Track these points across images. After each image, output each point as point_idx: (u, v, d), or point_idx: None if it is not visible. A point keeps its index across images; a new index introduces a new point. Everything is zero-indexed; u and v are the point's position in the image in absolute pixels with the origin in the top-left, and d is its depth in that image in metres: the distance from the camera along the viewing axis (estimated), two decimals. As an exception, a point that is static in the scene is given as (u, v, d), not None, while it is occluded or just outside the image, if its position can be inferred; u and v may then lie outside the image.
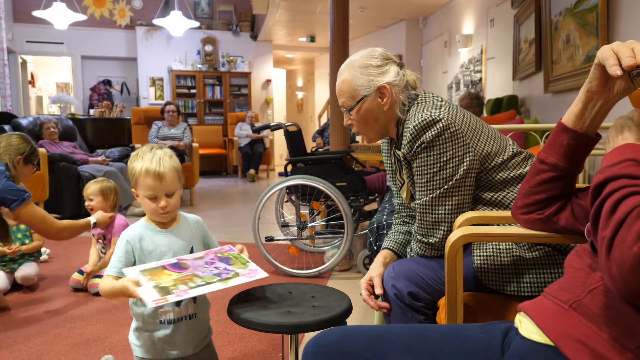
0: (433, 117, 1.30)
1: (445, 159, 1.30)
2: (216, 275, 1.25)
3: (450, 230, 1.31)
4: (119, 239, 1.35)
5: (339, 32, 4.27)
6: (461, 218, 1.27)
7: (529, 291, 1.20)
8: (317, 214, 3.40)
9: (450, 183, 1.30)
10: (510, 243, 1.25)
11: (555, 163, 0.98)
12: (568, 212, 1.01)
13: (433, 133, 1.29)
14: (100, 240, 2.82)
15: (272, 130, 3.44)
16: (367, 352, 0.90)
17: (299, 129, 3.55)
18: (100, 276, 2.77)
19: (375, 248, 2.20)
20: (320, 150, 6.67)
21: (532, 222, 1.05)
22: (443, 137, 1.29)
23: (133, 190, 1.37)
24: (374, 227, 2.23)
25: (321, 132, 7.51)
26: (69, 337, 2.13)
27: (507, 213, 1.23)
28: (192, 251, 1.41)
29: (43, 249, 3.38)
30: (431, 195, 1.33)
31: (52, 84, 10.68)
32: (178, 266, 1.28)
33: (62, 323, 2.29)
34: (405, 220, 1.58)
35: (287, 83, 12.67)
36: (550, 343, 0.75)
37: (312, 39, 9.67)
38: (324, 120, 10.32)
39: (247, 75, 9.45)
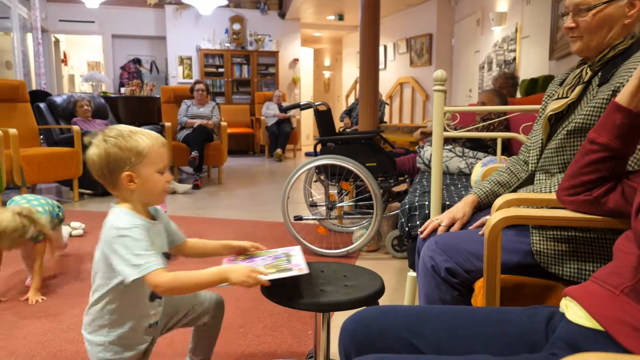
0: None
1: None
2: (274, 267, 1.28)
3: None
4: (131, 230, 1.15)
5: (369, 10, 4.19)
6: (500, 200, 1.24)
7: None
8: (346, 194, 3.39)
9: None
10: (574, 232, 1.18)
11: (606, 143, 0.94)
12: (618, 194, 0.98)
13: None
14: None
15: (302, 109, 3.43)
16: (405, 331, 0.89)
17: (328, 108, 3.53)
18: None
19: (406, 229, 2.18)
20: (348, 130, 6.63)
21: (579, 203, 1.02)
22: None
23: (128, 173, 1.19)
24: (406, 208, 2.20)
25: (349, 112, 7.46)
26: (104, 309, 2.19)
27: (550, 195, 1.20)
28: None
29: (78, 224, 3.47)
30: None
31: (84, 63, 10.85)
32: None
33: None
34: (519, 165, 1.53)
35: (315, 62, 12.57)
36: (600, 328, 0.73)
37: (341, 18, 9.54)
38: (351, 100, 10.24)
39: (274, 54, 9.41)
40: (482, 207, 1.54)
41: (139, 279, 1.12)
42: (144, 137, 1.20)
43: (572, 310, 0.79)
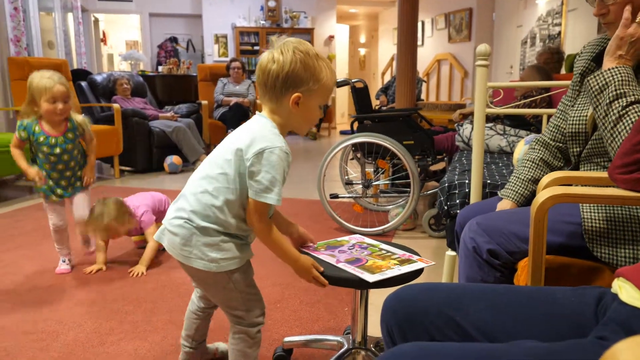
0: None
1: None
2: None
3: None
4: (276, 160, 1.12)
5: (408, -16, 4.08)
6: (547, 178, 1.20)
7: None
8: (382, 173, 3.36)
9: None
10: (629, 211, 1.12)
11: (665, 118, 0.89)
12: (677, 172, 0.93)
13: None
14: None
15: (338, 86, 3.39)
16: (447, 308, 0.87)
17: (365, 86, 3.48)
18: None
19: (445, 208, 2.15)
20: (384, 108, 6.55)
21: (633, 182, 0.97)
22: None
23: (299, 94, 1.15)
24: (445, 187, 2.17)
25: (385, 89, 7.35)
26: (148, 282, 2.26)
27: (600, 174, 1.15)
28: None
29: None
30: None
31: (122, 42, 11.03)
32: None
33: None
34: (548, 151, 1.46)
35: (350, 39, 12.40)
36: (656, 311, 0.70)
37: (377, -7, 9.35)
38: (387, 77, 10.09)
39: (310, 32, 9.32)
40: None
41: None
42: (326, 67, 1.16)
43: (626, 292, 0.76)
